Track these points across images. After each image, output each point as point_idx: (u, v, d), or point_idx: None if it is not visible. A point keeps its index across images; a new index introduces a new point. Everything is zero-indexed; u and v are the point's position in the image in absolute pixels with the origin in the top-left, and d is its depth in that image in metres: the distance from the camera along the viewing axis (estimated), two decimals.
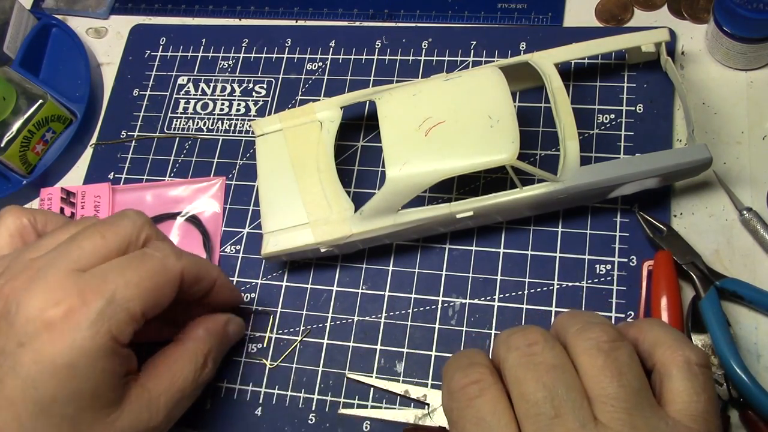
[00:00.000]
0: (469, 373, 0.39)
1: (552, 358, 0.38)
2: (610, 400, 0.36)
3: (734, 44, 0.59)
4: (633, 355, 0.39)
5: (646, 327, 0.41)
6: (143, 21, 0.76)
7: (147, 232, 0.48)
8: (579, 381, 0.37)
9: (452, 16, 0.69)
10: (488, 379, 0.39)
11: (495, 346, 0.41)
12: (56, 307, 0.42)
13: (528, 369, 0.37)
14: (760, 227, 0.55)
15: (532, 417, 0.36)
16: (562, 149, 0.54)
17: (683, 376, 0.38)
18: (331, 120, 0.60)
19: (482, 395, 0.38)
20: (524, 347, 0.39)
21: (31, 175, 0.70)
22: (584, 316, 0.41)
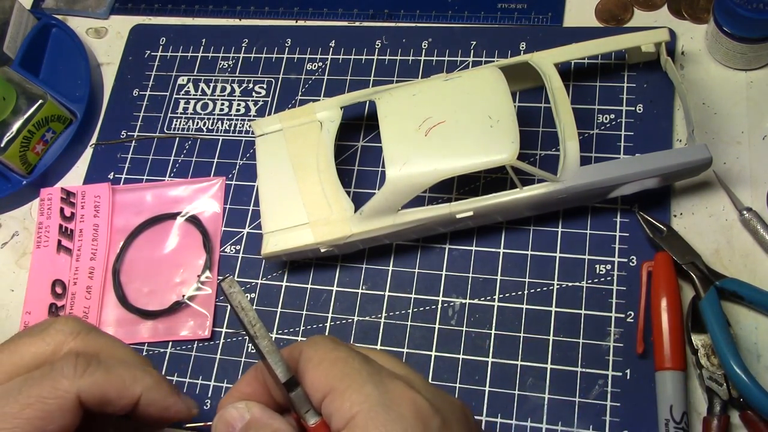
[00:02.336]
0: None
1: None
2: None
3: (734, 44, 0.59)
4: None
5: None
6: (143, 21, 0.76)
7: (73, 343, 0.42)
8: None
9: (452, 16, 0.69)
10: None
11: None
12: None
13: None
14: (760, 227, 0.55)
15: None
16: (562, 149, 0.54)
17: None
18: (331, 120, 0.60)
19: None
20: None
21: (31, 175, 0.70)
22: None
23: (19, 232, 0.69)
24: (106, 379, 0.40)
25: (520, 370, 0.55)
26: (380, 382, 0.35)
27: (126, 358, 0.42)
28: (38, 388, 0.39)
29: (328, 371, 0.36)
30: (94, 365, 0.40)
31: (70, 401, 0.39)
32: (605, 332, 0.54)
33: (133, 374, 0.41)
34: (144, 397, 0.41)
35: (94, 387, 0.40)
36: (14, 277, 0.67)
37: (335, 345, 0.37)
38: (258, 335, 0.35)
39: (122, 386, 0.41)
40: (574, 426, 0.52)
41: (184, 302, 0.61)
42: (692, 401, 0.52)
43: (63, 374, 0.39)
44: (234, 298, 0.36)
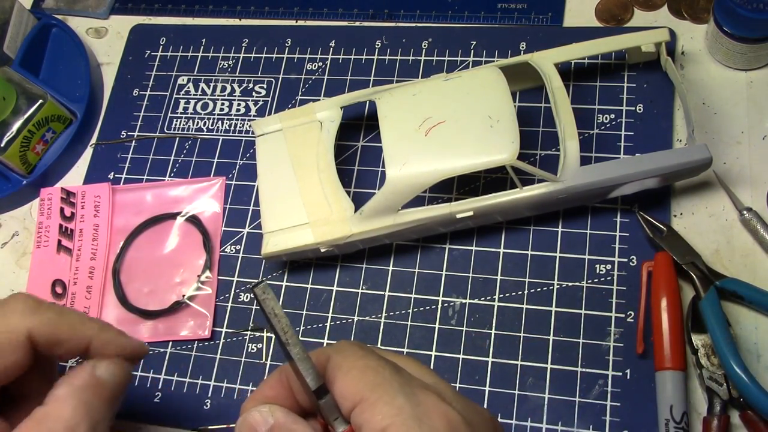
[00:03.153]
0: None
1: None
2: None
3: (734, 44, 0.59)
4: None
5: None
6: (143, 21, 0.76)
7: (30, 317, 0.42)
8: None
9: (452, 16, 0.69)
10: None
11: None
12: None
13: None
14: (760, 227, 0.55)
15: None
16: (562, 149, 0.54)
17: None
18: (331, 120, 0.60)
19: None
20: None
21: (31, 175, 0.70)
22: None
23: (19, 232, 0.69)
24: (58, 319, 0.41)
25: (520, 370, 0.55)
26: (412, 394, 0.35)
27: (77, 310, 0.44)
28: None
29: (358, 380, 0.35)
30: (45, 306, 0.41)
31: (20, 336, 0.39)
32: (605, 332, 0.54)
33: (82, 317, 0.43)
34: (96, 338, 0.42)
35: (46, 325, 0.40)
36: (14, 277, 0.67)
37: (364, 352, 0.37)
38: (290, 342, 0.35)
39: (72, 326, 0.41)
40: (574, 426, 0.52)
41: (184, 302, 0.61)
42: (692, 401, 0.52)
43: (13, 310, 0.40)
44: (267, 305, 0.35)
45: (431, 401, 0.34)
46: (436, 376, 0.38)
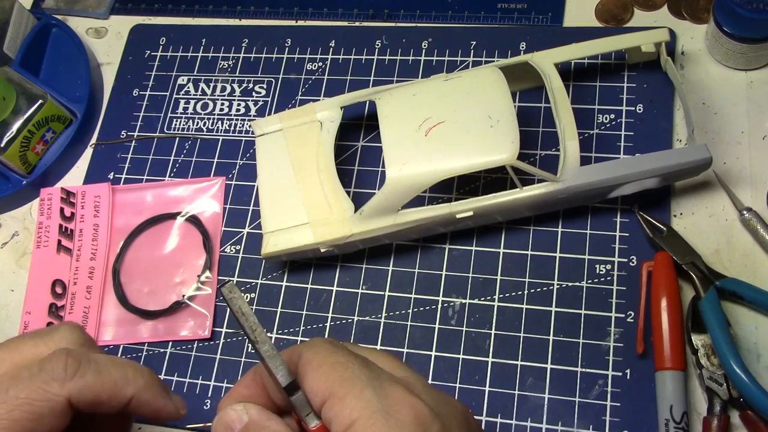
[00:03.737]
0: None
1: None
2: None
3: (734, 44, 0.59)
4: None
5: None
6: (143, 21, 0.76)
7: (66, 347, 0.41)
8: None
9: (452, 16, 0.69)
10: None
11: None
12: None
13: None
14: (760, 227, 0.55)
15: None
16: (562, 149, 0.54)
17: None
18: (331, 120, 0.60)
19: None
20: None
21: (31, 175, 0.70)
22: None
23: (19, 232, 0.69)
24: (98, 381, 0.39)
25: (520, 370, 0.55)
26: (380, 387, 0.35)
27: (116, 358, 0.41)
28: (27, 389, 0.38)
29: (327, 376, 0.36)
30: (85, 366, 0.39)
31: (60, 404, 0.38)
32: (605, 332, 0.54)
33: (124, 374, 0.40)
34: (135, 399, 0.40)
35: (86, 389, 0.38)
36: (14, 277, 0.67)
37: (334, 348, 0.37)
38: (258, 340, 0.35)
39: (114, 388, 0.39)
40: (574, 426, 0.52)
41: (184, 302, 0.61)
42: (692, 401, 0.52)
43: (53, 376, 0.38)
44: (234, 303, 0.36)
45: (399, 393, 0.35)
46: (409, 369, 0.39)
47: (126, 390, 0.40)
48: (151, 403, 0.41)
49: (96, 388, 0.39)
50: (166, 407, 0.42)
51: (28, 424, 0.37)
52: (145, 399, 0.41)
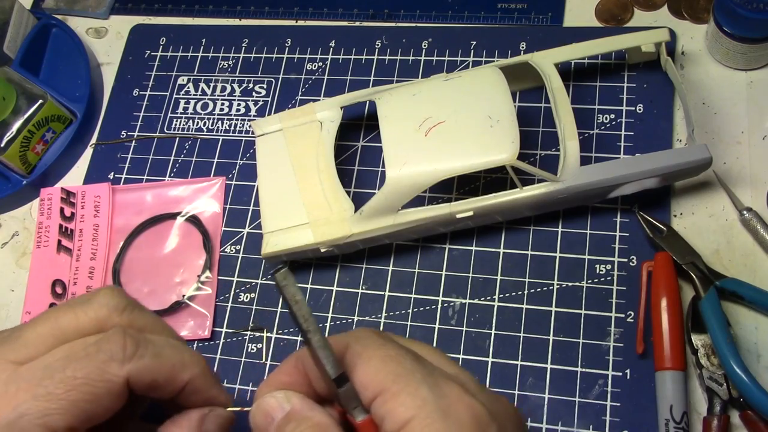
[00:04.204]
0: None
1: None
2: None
3: (734, 44, 0.59)
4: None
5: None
6: (143, 21, 0.76)
7: (118, 319, 0.39)
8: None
9: (452, 16, 0.69)
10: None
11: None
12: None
13: None
14: (760, 227, 0.55)
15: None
16: (562, 149, 0.54)
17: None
18: (331, 120, 0.60)
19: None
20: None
21: (31, 175, 0.70)
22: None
23: (19, 232, 0.69)
24: (156, 363, 0.37)
25: (520, 370, 0.55)
26: (435, 385, 0.34)
27: (171, 341, 0.39)
28: (85, 369, 0.36)
29: (379, 370, 0.34)
30: (143, 347, 0.37)
31: (118, 385, 0.36)
32: (605, 332, 0.54)
33: (182, 359, 0.38)
34: (190, 385, 0.39)
35: (144, 371, 0.37)
36: (14, 277, 0.67)
37: (383, 341, 0.36)
38: (310, 329, 0.34)
39: (171, 371, 0.38)
40: (574, 426, 0.52)
41: (184, 302, 0.61)
42: (692, 401, 0.52)
43: (112, 356, 0.36)
44: (288, 291, 0.34)
45: (455, 393, 0.34)
46: (457, 366, 0.37)
47: (183, 375, 0.38)
48: (204, 391, 0.40)
49: (154, 370, 0.37)
50: (219, 397, 0.41)
51: (86, 405, 0.36)
52: (199, 386, 0.39)
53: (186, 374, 0.39)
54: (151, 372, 0.37)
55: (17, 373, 0.36)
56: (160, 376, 0.37)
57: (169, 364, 0.38)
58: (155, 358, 0.37)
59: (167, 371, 0.38)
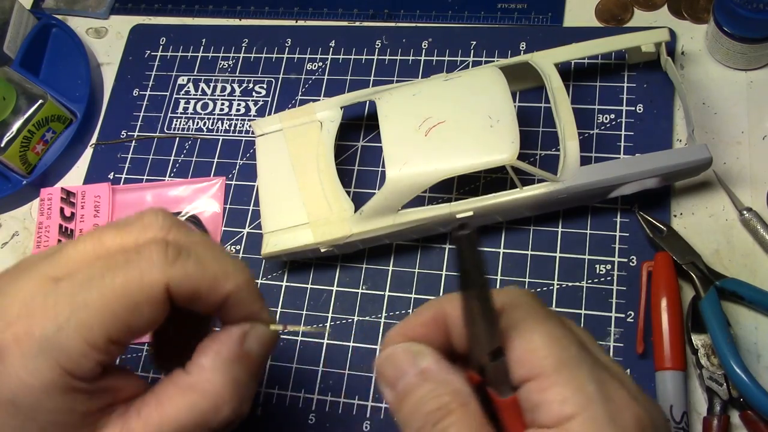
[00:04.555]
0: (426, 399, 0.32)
1: None
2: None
3: (734, 44, 0.58)
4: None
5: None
6: (143, 21, 0.76)
7: (162, 235, 0.37)
8: None
9: (452, 16, 0.69)
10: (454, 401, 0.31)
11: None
12: (8, 328, 0.34)
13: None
14: (760, 227, 0.55)
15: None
16: (562, 149, 0.54)
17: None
18: (331, 120, 0.60)
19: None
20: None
21: (31, 175, 0.70)
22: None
23: (19, 232, 0.69)
24: (198, 270, 0.35)
25: None
26: (602, 383, 0.30)
27: (216, 252, 0.37)
28: (123, 275, 0.34)
29: (539, 349, 0.31)
30: (185, 254, 0.35)
31: (158, 293, 0.34)
32: (605, 332, 0.54)
33: (225, 268, 0.36)
34: (233, 297, 0.36)
35: (186, 279, 0.34)
36: None
37: (546, 313, 0.32)
38: (484, 291, 0.30)
39: (214, 280, 0.36)
40: None
41: None
42: (692, 401, 0.52)
43: (152, 262, 0.34)
44: (471, 254, 0.30)
45: (622, 397, 0.30)
46: (613, 360, 0.34)
47: (226, 284, 0.36)
48: (247, 304, 0.37)
49: (196, 278, 0.35)
50: (262, 313, 0.38)
51: (125, 314, 0.34)
52: (243, 299, 0.37)
53: (229, 283, 0.36)
54: (193, 279, 0.35)
55: (57, 287, 0.34)
56: (203, 284, 0.35)
57: (211, 271, 0.36)
58: (197, 265, 0.35)
59: (210, 279, 0.35)
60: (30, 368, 0.33)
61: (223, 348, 0.37)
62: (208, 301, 0.36)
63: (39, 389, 0.33)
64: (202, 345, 0.37)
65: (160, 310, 0.35)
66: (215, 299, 0.36)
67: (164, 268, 0.34)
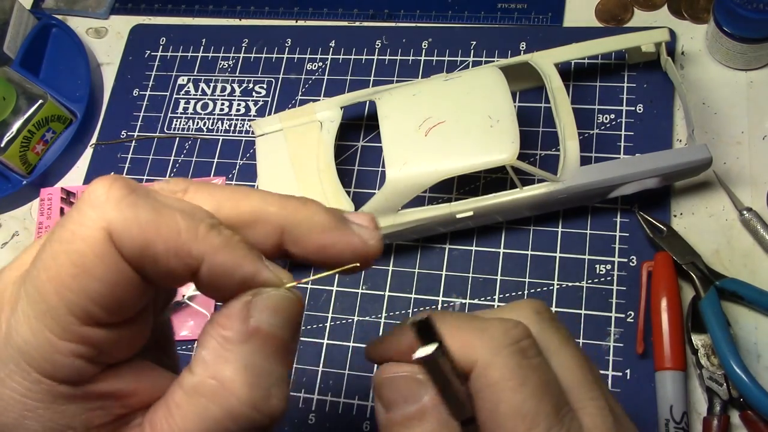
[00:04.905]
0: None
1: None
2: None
3: (734, 44, 0.59)
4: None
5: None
6: (143, 21, 0.76)
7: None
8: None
9: (452, 16, 0.69)
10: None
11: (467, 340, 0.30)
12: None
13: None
14: (760, 227, 0.55)
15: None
16: (562, 149, 0.54)
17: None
18: (331, 120, 0.60)
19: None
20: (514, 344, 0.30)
21: (31, 175, 0.70)
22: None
23: (19, 232, 0.69)
24: (152, 219, 0.26)
25: None
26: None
27: (194, 206, 0.28)
28: (59, 232, 0.26)
29: (503, 427, 0.29)
30: (140, 197, 0.27)
31: (98, 239, 0.26)
32: (605, 332, 0.54)
33: (194, 226, 0.27)
34: (206, 265, 0.27)
35: (133, 225, 0.26)
36: None
37: (522, 380, 0.29)
38: (449, 389, 0.29)
39: (175, 237, 0.27)
40: None
41: (184, 302, 0.61)
42: (692, 401, 0.52)
43: (89, 202, 0.26)
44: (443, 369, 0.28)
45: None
46: (603, 388, 0.32)
47: (193, 245, 0.27)
48: (234, 266, 0.28)
49: (148, 228, 0.26)
50: (261, 272, 0.29)
51: (73, 279, 0.26)
52: (224, 261, 0.27)
53: (198, 246, 0.27)
54: (143, 229, 0.26)
55: (13, 285, 0.28)
56: (158, 240, 0.26)
57: (172, 225, 0.27)
58: (152, 212, 0.26)
59: (167, 234, 0.27)
60: (1, 383, 0.26)
61: (222, 331, 0.28)
62: (170, 268, 0.27)
63: (16, 403, 0.26)
64: (202, 333, 0.29)
65: (112, 266, 0.26)
66: (180, 265, 0.27)
67: (103, 207, 0.26)
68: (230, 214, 0.29)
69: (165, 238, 0.27)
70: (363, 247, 0.30)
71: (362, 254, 0.30)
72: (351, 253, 0.30)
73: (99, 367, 0.27)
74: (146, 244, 0.26)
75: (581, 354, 0.32)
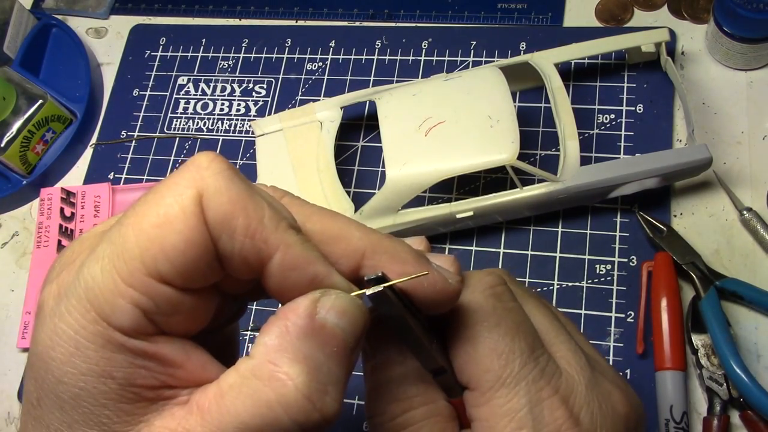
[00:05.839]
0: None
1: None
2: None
3: (734, 44, 0.59)
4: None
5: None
6: (143, 21, 0.76)
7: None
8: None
9: (452, 16, 0.69)
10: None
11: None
12: (49, 284, 0.29)
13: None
14: (760, 227, 0.55)
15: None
16: (562, 149, 0.54)
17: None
18: (331, 120, 0.60)
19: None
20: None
21: (31, 175, 0.70)
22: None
23: (19, 232, 0.69)
24: (242, 196, 0.27)
25: None
26: (539, 405, 0.30)
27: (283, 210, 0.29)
28: (154, 192, 0.28)
29: (480, 364, 0.30)
30: (238, 176, 0.28)
31: (188, 198, 0.27)
32: (605, 332, 0.54)
33: (278, 218, 0.28)
34: (283, 253, 0.28)
35: (222, 195, 0.27)
36: (14, 277, 0.67)
37: (497, 321, 0.31)
38: (414, 338, 0.29)
39: (256, 217, 0.27)
40: None
41: None
42: (692, 401, 0.51)
43: (192, 166, 0.27)
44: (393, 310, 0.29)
45: (560, 417, 0.30)
46: (588, 344, 0.34)
47: (271, 234, 0.28)
48: (305, 265, 0.28)
49: (237, 202, 0.27)
50: (330, 276, 0.29)
51: (155, 231, 0.27)
52: (296, 257, 0.28)
53: (276, 234, 0.28)
54: (228, 199, 0.27)
55: (103, 234, 0.29)
56: (239, 218, 0.27)
57: (259, 207, 0.28)
58: (239, 189, 0.27)
59: (253, 213, 0.27)
60: (59, 312, 0.27)
61: (287, 323, 0.28)
62: (245, 248, 0.28)
63: (68, 339, 0.27)
64: (266, 324, 0.29)
65: (192, 226, 0.27)
66: (254, 248, 0.28)
67: (202, 172, 0.27)
68: (315, 228, 0.30)
69: (247, 218, 0.27)
70: (444, 285, 0.30)
71: (443, 292, 0.30)
72: (432, 290, 0.30)
73: (154, 328, 0.27)
74: (229, 217, 0.27)
75: (547, 304, 0.34)
